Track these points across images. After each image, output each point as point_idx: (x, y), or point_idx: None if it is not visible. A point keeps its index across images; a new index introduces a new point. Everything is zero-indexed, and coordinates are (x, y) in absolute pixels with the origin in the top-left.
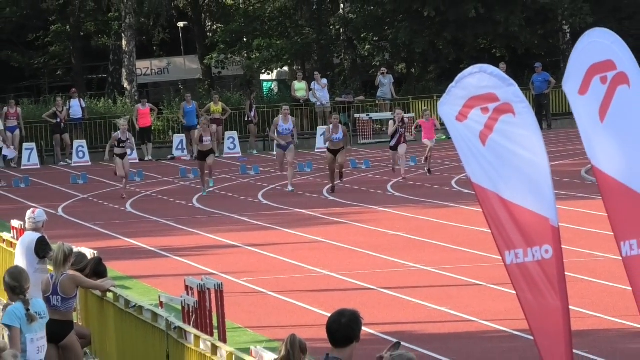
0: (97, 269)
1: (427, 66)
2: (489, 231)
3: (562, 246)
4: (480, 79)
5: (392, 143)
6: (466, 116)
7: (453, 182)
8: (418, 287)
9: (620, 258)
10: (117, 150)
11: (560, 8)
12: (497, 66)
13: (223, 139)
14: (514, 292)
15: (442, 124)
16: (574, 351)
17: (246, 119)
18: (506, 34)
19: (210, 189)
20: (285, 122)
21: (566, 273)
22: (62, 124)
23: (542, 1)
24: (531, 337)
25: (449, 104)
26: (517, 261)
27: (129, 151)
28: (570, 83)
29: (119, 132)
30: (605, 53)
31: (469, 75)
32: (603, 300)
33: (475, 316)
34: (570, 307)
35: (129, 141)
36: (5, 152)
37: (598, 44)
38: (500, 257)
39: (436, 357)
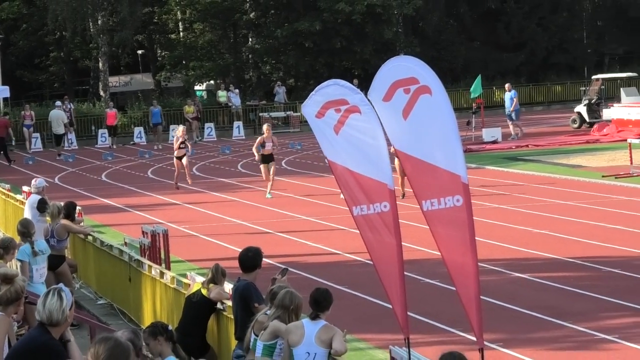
0: (67, 212)
1: (308, 81)
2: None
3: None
4: (335, 89)
5: None
6: (323, 114)
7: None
8: (302, 231)
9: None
10: (179, 153)
11: (398, 42)
12: (353, 82)
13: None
14: None
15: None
16: (405, 273)
17: (195, 115)
18: (361, 59)
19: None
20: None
21: (400, 220)
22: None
23: (386, 37)
24: None
25: (310, 106)
26: (362, 213)
27: (189, 146)
28: (375, 93)
29: (179, 135)
30: (409, 72)
31: (326, 87)
32: (425, 239)
33: (340, 250)
34: (403, 243)
35: (187, 141)
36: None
37: (403, 66)
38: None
39: (314, 278)
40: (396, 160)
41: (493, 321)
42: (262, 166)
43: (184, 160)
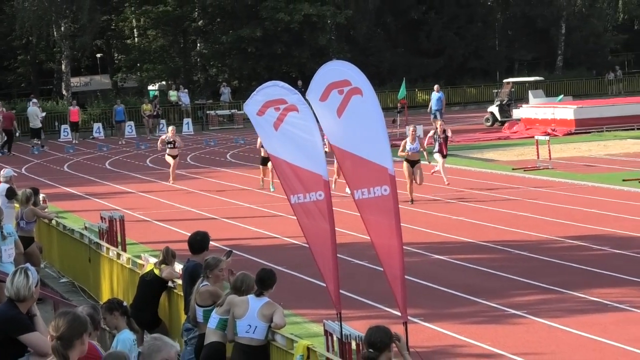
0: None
1: (251, 82)
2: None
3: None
4: (274, 89)
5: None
6: (264, 112)
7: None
8: (245, 217)
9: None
10: (171, 152)
11: (331, 47)
12: (297, 83)
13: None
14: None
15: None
16: (337, 255)
17: (154, 113)
18: (299, 64)
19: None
20: None
21: (333, 208)
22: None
23: (321, 43)
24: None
25: (252, 105)
26: (299, 201)
27: (177, 144)
28: (313, 93)
29: (168, 135)
30: (343, 75)
31: (266, 87)
32: (356, 225)
33: (279, 234)
34: (336, 228)
35: (176, 142)
36: None
37: (337, 70)
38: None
39: (256, 260)
40: (404, 165)
41: (415, 298)
42: (261, 167)
43: (176, 160)
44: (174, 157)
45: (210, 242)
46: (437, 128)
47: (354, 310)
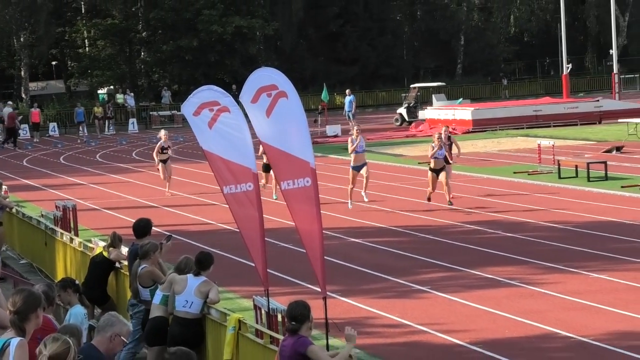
0: None
1: (189, 86)
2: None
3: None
4: (209, 93)
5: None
6: (199, 113)
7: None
8: (183, 205)
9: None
10: (161, 157)
11: (260, 56)
12: (232, 87)
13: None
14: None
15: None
16: (265, 239)
17: (107, 115)
18: (231, 70)
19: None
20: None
21: (262, 197)
22: None
23: (251, 52)
24: None
25: (189, 106)
26: (231, 191)
27: (170, 152)
28: (245, 96)
29: (162, 141)
30: (271, 80)
31: (201, 91)
32: (282, 212)
33: (214, 221)
34: (264, 215)
35: (170, 148)
36: None
37: (266, 75)
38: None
39: (193, 243)
40: (429, 173)
41: (334, 276)
42: (264, 174)
43: (167, 164)
44: (164, 161)
45: (153, 228)
46: (442, 135)
47: (280, 287)
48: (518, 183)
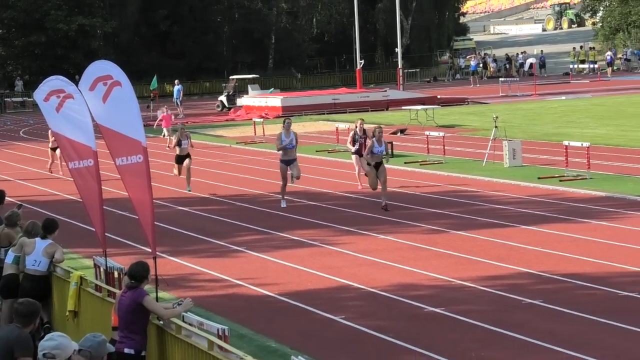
0: None
1: (39, 77)
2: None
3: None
4: (56, 82)
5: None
6: (49, 99)
7: (50, 131)
8: (34, 179)
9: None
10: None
11: (101, 50)
12: (75, 77)
13: None
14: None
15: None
16: (104, 207)
17: None
18: (75, 63)
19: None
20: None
21: (101, 172)
22: None
23: (92, 47)
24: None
25: (40, 93)
26: (75, 167)
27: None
28: (83, 85)
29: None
30: (106, 71)
31: (50, 80)
32: (119, 185)
33: (60, 192)
34: (103, 187)
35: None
36: None
37: (102, 67)
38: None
39: (41, 211)
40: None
41: (163, 239)
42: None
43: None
44: (181, 160)
45: (7, 198)
46: (356, 128)
47: (117, 249)
48: (320, 160)
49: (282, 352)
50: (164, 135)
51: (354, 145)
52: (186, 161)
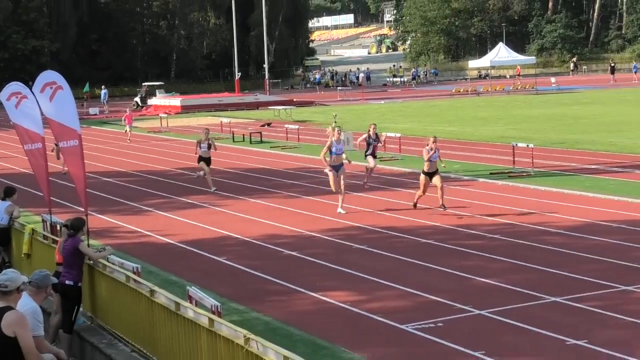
0: None
1: (1, 82)
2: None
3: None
4: (15, 86)
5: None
6: (10, 99)
7: (12, 122)
8: None
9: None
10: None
11: (48, 64)
12: (29, 83)
13: None
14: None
15: None
16: (50, 179)
17: None
18: (30, 72)
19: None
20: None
21: (47, 152)
22: None
23: (42, 62)
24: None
25: (3, 95)
26: (29, 148)
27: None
28: (36, 88)
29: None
30: (52, 79)
31: (11, 85)
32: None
33: (18, 167)
34: (49, 164)
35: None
36: None
37: (49, 76)
38: (22, 147)
39: (3, 181)
40: (422, 177)
41: (94, 201)
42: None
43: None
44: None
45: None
46: (369, 132)
47: (59, 208)
48: (236, 148)
49: (180, 284)
50: (126, 131)
51: (367, 148)
52: (207, 167)
